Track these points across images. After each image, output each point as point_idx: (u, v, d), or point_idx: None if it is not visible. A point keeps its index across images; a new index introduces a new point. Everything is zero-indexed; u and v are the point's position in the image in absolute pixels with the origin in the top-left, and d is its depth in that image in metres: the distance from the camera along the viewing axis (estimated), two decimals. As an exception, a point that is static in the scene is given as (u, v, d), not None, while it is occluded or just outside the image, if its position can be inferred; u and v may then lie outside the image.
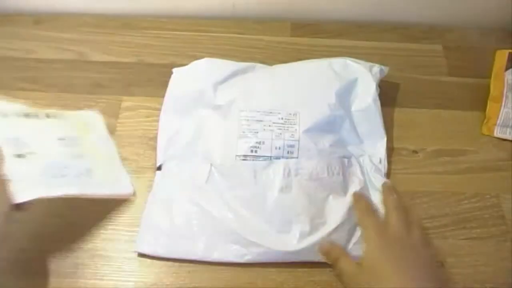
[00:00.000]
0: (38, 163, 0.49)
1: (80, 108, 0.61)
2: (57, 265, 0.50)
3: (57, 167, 0.50)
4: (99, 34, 0.70)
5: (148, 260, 0.51)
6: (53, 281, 0.49)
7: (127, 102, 0.63)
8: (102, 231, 0.52)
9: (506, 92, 0.64)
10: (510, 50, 0.67)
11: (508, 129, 0.61)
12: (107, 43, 0.69)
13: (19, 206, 0.44)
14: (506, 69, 0.66)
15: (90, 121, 0.59)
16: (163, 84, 0.64)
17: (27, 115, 0.53)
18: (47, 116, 0.54)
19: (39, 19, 0.72)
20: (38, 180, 0.47)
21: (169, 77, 0.64)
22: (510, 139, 0.61)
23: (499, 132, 0.61)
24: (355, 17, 0.75)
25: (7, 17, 0.72)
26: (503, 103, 0.63)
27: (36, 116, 0.53)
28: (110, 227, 0.53)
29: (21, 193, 0.45)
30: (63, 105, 0.62)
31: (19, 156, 0.48)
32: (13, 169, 0.46)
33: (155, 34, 0.71)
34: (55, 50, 0.68)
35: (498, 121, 0.62)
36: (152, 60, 0.68)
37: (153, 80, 0.65)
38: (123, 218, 0.53)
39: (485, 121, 0.62)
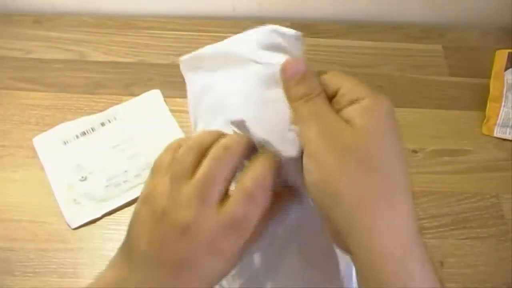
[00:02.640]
0: (100, 180, 0.55)
1: (81, 108, 0.62)
2: (57, 265, 0.50)
3: (118, 175, 0.55)
4: (99, 34, 0.70)
5: (148, 260, 0.51)
6: (53, 281, 0.49)
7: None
8: (102, 231, 0.53)
9: (506, 92, 0.64)
10: (510, 50, 0.67)
11: (508, 129, 0.61)
12: (107, 43, 0.69)
13: None
14: (506, 69, 0.66)
15: (150, 103, 0.62)
16: (163, 84, 0.64)
17: (83, 134, 0.58)
18: (102, 124, 0.59)
19: (39, 19, 0.72)
20: (101, 196, 0.54)
21: (169, 77, 0.64)
22: (510, 139, 0.61)
23: (499, 132, 0.61)
24: (355, 17, 0.75)
25: (7, 17, 0.72)
26: (503, 103, 0.63)
27: (92, 130, 0.59)
28: (110, 226, 0.53)
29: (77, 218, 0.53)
30: (63, 105, 0.62)
31: (83, 179, 0.55)
32: (80, 193, 0.53)
33: (155, 34, 0.71)
34: (55, 50, 0.68)
35: (498, 121, 0.62)
36: (152, 60, 0.68)
37: (153, 80, 0.65)
38: (124, 217, 0.53)
39: (485, 121, 0.62)
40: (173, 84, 0.64)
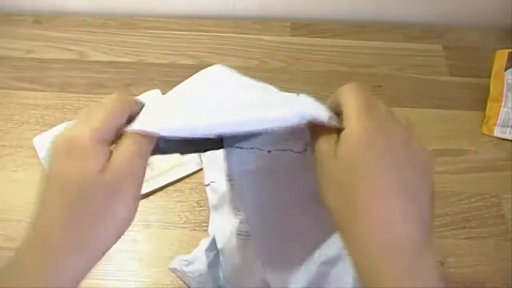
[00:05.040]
0: None
1: (81, 108, 0.62)
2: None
3: None
4: (99, 34, 0.70)
5: (148, 260, 0.51)
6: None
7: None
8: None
9: (506, 92, 0.64)
10: (510, 50, 0.67)
11: (508, 129, 0.61)
12: (107, 43, 0.69)
13: None
14: (506, 69, 0.66)
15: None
16: (163, 84, 0.64)
17: None
18: None
19: (39, 19, 0.72)
20: None
21: (169, 76, 0.64)
22: (510, 139, 0.61)
23: (499, 132, 0.61)
24: (355, 17, 0.75)
25: (7, 17, 0.72)
26: (503, 103, 0.63)
27: None
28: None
29: None
30: (63, 105, 0.62)
31: None
32: None
33: (155, 34, 0.71)
34: (55, 50, 0.68)
35: (498, 121, 0.62)
36: (152, 60, 0.68)
37: (153, 80, 0.65)
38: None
39: (485, 121, 0.62)
40: (173, 84, 0.64)
